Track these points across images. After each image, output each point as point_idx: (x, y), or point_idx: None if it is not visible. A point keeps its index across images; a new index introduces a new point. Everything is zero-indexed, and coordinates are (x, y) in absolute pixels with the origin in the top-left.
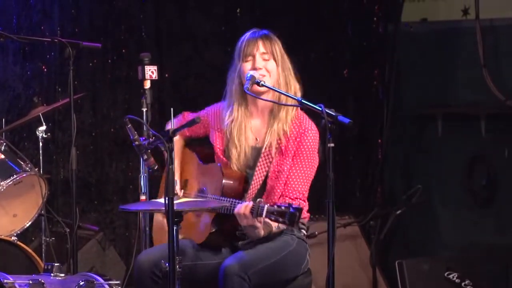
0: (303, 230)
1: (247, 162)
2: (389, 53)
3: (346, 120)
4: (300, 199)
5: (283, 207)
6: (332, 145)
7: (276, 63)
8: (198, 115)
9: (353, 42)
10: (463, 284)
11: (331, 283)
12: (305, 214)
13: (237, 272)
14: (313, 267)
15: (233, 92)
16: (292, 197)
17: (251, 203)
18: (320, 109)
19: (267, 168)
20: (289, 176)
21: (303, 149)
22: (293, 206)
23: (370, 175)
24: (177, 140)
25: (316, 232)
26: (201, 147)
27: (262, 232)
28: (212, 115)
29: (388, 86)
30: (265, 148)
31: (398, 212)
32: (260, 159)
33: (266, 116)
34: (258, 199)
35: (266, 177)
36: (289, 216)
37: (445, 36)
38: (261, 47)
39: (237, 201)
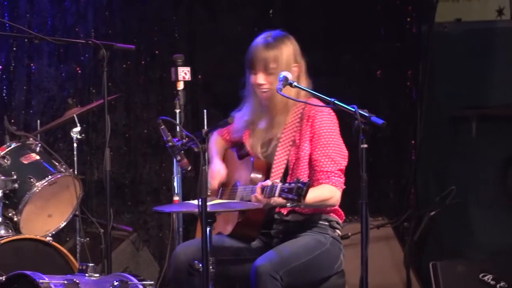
0: (337, 230)
1: (268, 151)
2: (423, 54)
3: (380, 121)
4: (332, 176)
5: (292, 184)
6: (365, 146)
7: (277, 76)
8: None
9: (386, 42)
10: (498, 286)
11: (365, 284)
12: (340, 213)
13: (269, 271)
14: (347, 268)
15: (250, 97)
16: (324, 178)
17: (260, 184)
18: (353, 110)
19: (286, 157)
20: (314, 160)
21: (318, 129)
22: (301, 181)
23: (404, 176)
24: (219, 139)
25: (350, 233)
26: (242, 145)
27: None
28: (242, 116)
29: (422, 87)
30: (282, 139)
31: (432, 213)
32: (278, 149)
33: (283, 111)
34: (274, 180)
35: (287, 167)
36: (297, 190)
37: (479, 37)
38: (261, 62)
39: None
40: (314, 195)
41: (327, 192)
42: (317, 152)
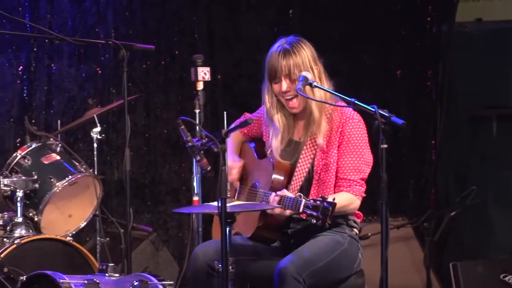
0: (355, 229)
1: (290, 157)
2: (442, 54)
3: (400, 121)
4: (354, 185)
5: (318, 202)
6: (385, 146)
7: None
8: (252, 117)
9: (406, 42)
10: None
11: (385, 285)
12: (358, 213)
13: (293, 274)
14: (367, 269)
15: (271, 104)
16: (345, 186)
17: (277, 198)
18: (373, 110)
19: (310, 161)
20: (339, 167)
21: (347, 137)
22: (327, 200)
23: (424, 177)
24: (237, 135)
25: (370, 234)
26: (260, 141)
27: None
28: (266, 113)
29: (442, 86)
30: (306, 142)
31: (452, 213)
32: (303, 153)
33: (306, 113)
34: (298, 194)
35: (311, 171)
36: (322, 210)
37: (500, 36)
38: (283, 71)
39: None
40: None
41: (346, 200)
42: (343, 159)
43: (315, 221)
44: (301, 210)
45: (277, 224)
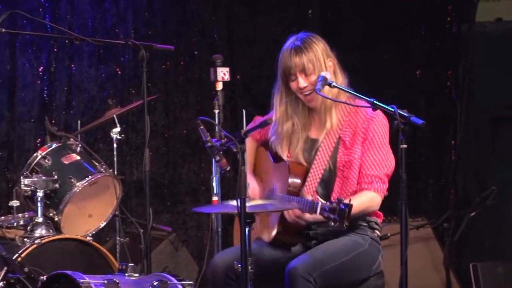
0: (376, 231)
1: (305, 156)
2: (463, 54)
3: (419, 121)
4: (375, 182)
5: (334, 204)
6: (404, 146)
7: (316, 75)
8: (270, 117)
9: (426, 42)
10: None
11: (404, 285)
12: (378, 214)
13: (302, 273)
14: (386, 269)
15: (290, 101)
16: (367, 182)
17: (296, 203)
18: (393, 110)
19: (327, 159)
20: (362, 163)
21: (371, 134)
22: (343, 202)
23: (444, 177)
24: (250, 142)
25: (389, 234)
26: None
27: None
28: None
29: (462, 86)
30: (322, 140)
31: (472, 214)
32: (318, 153)
33: (322, 111)
34: (315, 196)
35: (333, 168)
36: (339, 212)
37: None
38: (297, 67)
39: (297, 198)
40: (354, 205)
41: (366, 200)
42: (366, 155)
43: (332, 224)
44: (318, 213)
45: (297, 228)
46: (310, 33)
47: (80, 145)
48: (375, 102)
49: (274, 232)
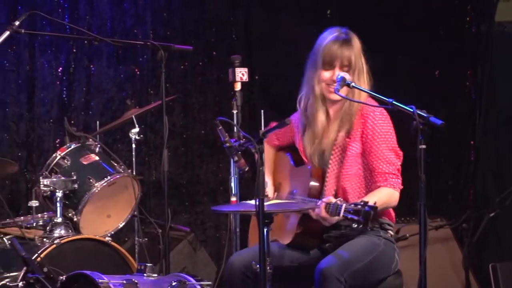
0: (389, 231)
1: (323, 158)
2: (482, 54)
3: (438, 122)
4: (390, 178)
5: (359, 206)
6: (423, 146)
7: (352, 73)
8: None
9: (445, 42)
10: None
11: (423, 286)
12: (391, 211)
13: (335, 274)
14: (405, 269)
15: (314, 94)
16: (381, 180)
17: (323, 203)
18: (412, 110)
19: (340, 160)
20: (371, 160)
21: (370, 131)
22: (368, 204)
23: (463, 177)
24: (267, 149)
25: (408, 235)
26: (294, 148)
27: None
28: (295, 121)
29: (481, 87)
30: (336, 143)
31: (492, 214)
32: (333, 153)
33: (338, 112)
34: (338, 198)
35: (341, 168)
36: (364, 214)
37: None
38: (342, 59)
39: (319, 201)
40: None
41: (385, 196)
42: (374, 152)
43: (356, 225)
44: (341, 215)
45: (317, 230)
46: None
47: (99, 145)
48: (393, 102)
49: (293, 233)
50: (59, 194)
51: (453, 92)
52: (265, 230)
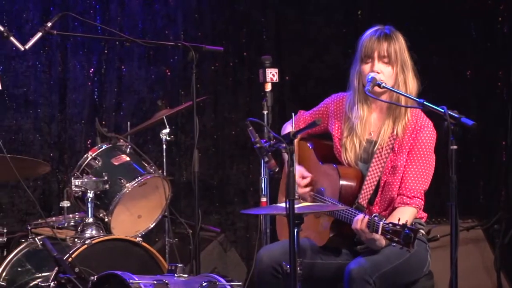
0: (421, 231)
1: (361, 155)
2: None
3: (470, 122)
4: (417, 197)
5: (398, 227)
6: (455, 147)
7: (394, 67)
8: (317, 111)
9: (476, 42)
10: None
11: (455, 287)
12: (422, 214)
13: (363, 276)
14: (436, 270)
15: (356, 89)
16: (409, 196)
17: (366, 217)
18: (443, 111)
19: (382, 165)
20: (405, 173)
21: (419, 146)
22: (408, 226)
23: (494, 178)
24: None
25: (439, 236)
26: (318, 141)
27: (383, 242)
28: (333, 104)
29: None
30: (380, 144)
31: None
32: (375, 156)
33: (384, 112)
34: (373, 214)
35: (381, 173)
36: (404, 237)
37: None
38: (380, 51)
39: (353, 210)
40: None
41: (411, 217)
42: (411, 168)
43: (395, 245)
44: (379, 233)
45: (349, 232)
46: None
47: (130, 146)
48: (425, 103)
49: (327, 237)
50: (90, 194)
51: (485, 92)
52: (295, 231)
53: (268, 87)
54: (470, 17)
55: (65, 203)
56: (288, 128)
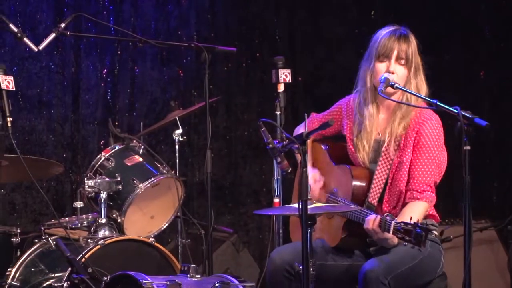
0: (434, 232)
1: (371, 155)
2: None
3: (483, 123)
4: (427, 191)
5: (409, 226)
6: (468, 148)
7: (408, 68)
8: (330, 113)
9: (490, 43)
10: None
11: None
12: (434, 212)
13: (379, 277)
14: (449, 271)
15: (367, 87)
16: (419, 190)
17: (378, 217)
18: (456, 111)
19: (390, 162)
20: (413, 168)
21: (423, 139)
22: (419, 225)
23: (508, 179)
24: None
25: (452, 236)
26: (332, 143)
27: (395, 241)
28: (345, 106)
29: None
30: (386, 143)
31: None
32: (383, 154)
33: (391, 112)
34: (385, 214)
35: (389, 171)
36: (415, 236)
37: None
38: (397, 51)
39: (365, 210)
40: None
41: (422, 212)
42: (418, 162)
43: (406, 244)
44: (390, 233)
45: (361, 233)
46: None
47: (142, 146)
48: (438, 103)
49: (339, 237)
50: (103, 195)
51: (498, 92)
52: (307, 232)
53: (281, 88)
54: (484, 17)
55: (78, 204)
56: (301, 130)
